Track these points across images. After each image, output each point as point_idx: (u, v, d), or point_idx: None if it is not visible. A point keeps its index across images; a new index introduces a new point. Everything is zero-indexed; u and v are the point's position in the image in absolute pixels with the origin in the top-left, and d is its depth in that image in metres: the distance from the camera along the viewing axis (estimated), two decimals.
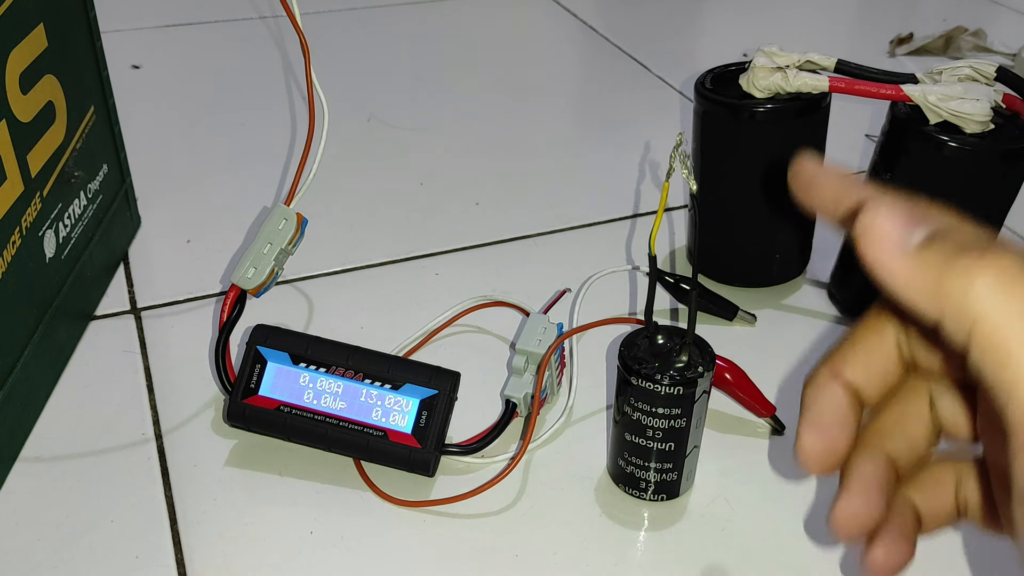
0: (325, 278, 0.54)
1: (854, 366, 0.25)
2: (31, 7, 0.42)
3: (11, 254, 0.40)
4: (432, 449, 0.40)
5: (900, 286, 0.20)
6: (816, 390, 0.25)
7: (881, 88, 0.46)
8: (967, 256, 0.19)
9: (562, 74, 0.84)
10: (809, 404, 0.25)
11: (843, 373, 0.25)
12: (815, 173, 0.24)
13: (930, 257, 0.20)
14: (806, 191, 0.24)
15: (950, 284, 0.19)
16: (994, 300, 0.19)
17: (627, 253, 0.57)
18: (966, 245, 0.19)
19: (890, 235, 0.20)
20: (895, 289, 0.20)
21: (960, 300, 0.19)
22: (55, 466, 0.41)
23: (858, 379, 0.25)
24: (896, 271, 0.20)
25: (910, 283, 0.20)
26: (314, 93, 0.43)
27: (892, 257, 0.20)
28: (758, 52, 0.48)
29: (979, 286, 0.19)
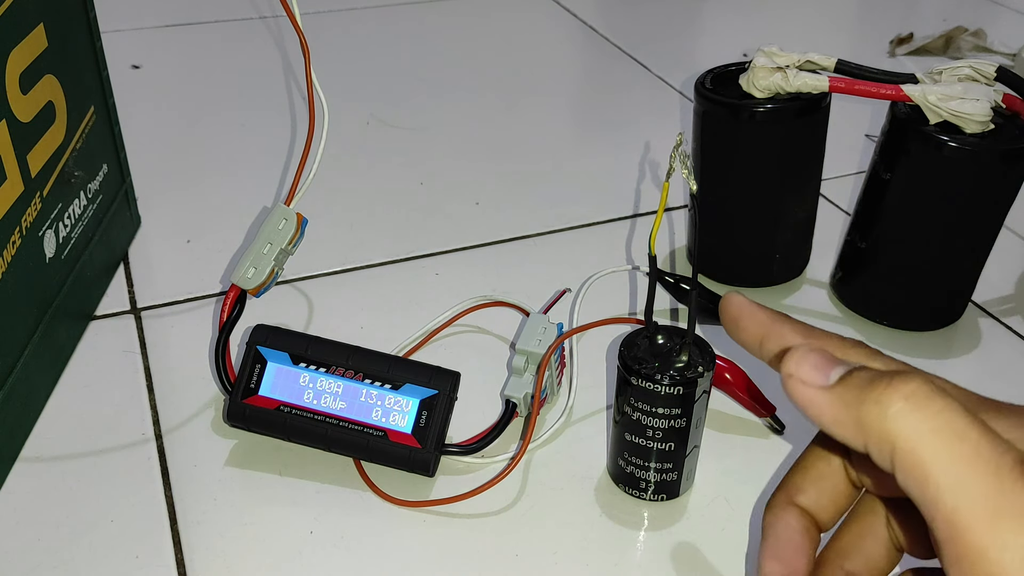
0: (325, 278, 0.54)
1: (806, 492, 0.27)
2: (31, 7, 0.42)
3: (11, 254, 0.40)
4: (432, 449, 0.40)
5: (827, 423, 0.22)
6: (773, 517, 0.27)
7: (881, 88, 0.46)
8: (877, 385, 0.21)
9: (562, 74, 0.84)
10: (768, 532, 0.27)
11: (796, 499, 0.27)
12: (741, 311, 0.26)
13: (847, 392, 0.22)
14: (733, 328, 0.27)
15: (867, 414, 0.21)
16: (906, 423, 0.20)
17: (627, 253, 0.57)
18: (876, 377, 0.21)
19: (810, 377, 0.22)
20: (824, 425, 0.22)
21: (878, 428, 0.21)
22: (55, 466, 0.41)
23: (811, 504, 0.27)
24: (822, 408, 0.22)
25: (835, 419, 0.22)
26: (314, 93, 0.43)
27: (815, 396, 0.22)
28: (758, 52, 0.48)
29: (892, 412, 0.20)
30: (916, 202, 0.47)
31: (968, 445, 0.20)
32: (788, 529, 0.27)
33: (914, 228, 0.47)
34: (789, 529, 0.27)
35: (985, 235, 0.48)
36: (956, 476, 0.20)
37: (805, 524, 0.27)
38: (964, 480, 0.19)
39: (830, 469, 0.27)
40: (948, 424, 0.20)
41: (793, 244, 0.53)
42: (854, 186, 0.64)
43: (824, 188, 0.61)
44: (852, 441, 0.22)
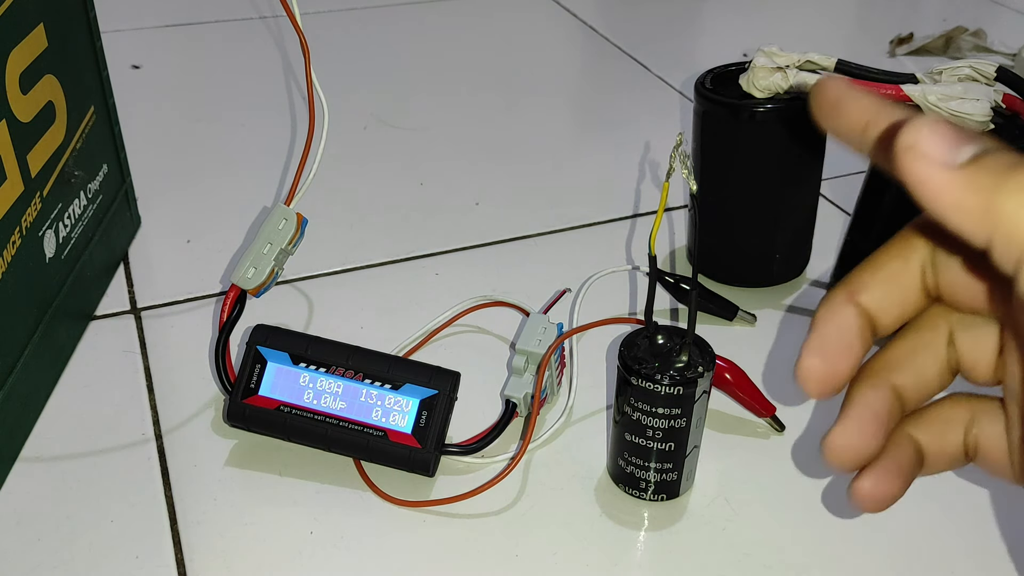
0: (325, 278, 0.54)
1: (871, 291, 0.24)
2: (31, 7, 0.42)
3: (11, 254, 0.40)
4: (432, 449, 0.40)
5: (946, 207, 0.18)
6: (828, 312, 0.24)
7: (881, 88, 0.46)
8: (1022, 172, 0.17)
9: (562, 74, 0.84)
10: (817, 325, 0.24)
11: (858, 297, 0.24)
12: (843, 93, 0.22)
13: (980, 175, 0.18)
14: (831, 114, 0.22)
15: (1002, 204, 0.17)
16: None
17: (627, 253, 0.57)
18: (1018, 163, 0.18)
19: (936, 152, 0.19)
20: (940, 211, 0.19)
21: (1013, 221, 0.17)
22: (55, 466, 0.41)
23: (873, 304, 0.24)
24: (943, 190, 0.18)
25: (958, 204, 0.18)
26: (314, 93, 0.43)
27: (938, 175, 0.18)
28: (758, 52, 0.48)
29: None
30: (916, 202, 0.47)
31: None
32: (841, 326, 0.24)
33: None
34: (842, 326, 0.24)
35: None
36: None
37: (861, 325, 0.24)
38: None
39: (905, 271, 0.24)
40: None
41: (793, 244, 0.53)
42: (854, 186, 0.64)
43: (824, 188, 0.61)
44: (974, 232, 0.18)
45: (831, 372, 0.24)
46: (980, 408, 0.25)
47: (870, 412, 0.24)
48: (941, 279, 0.23)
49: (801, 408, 0.45)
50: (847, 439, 0.24)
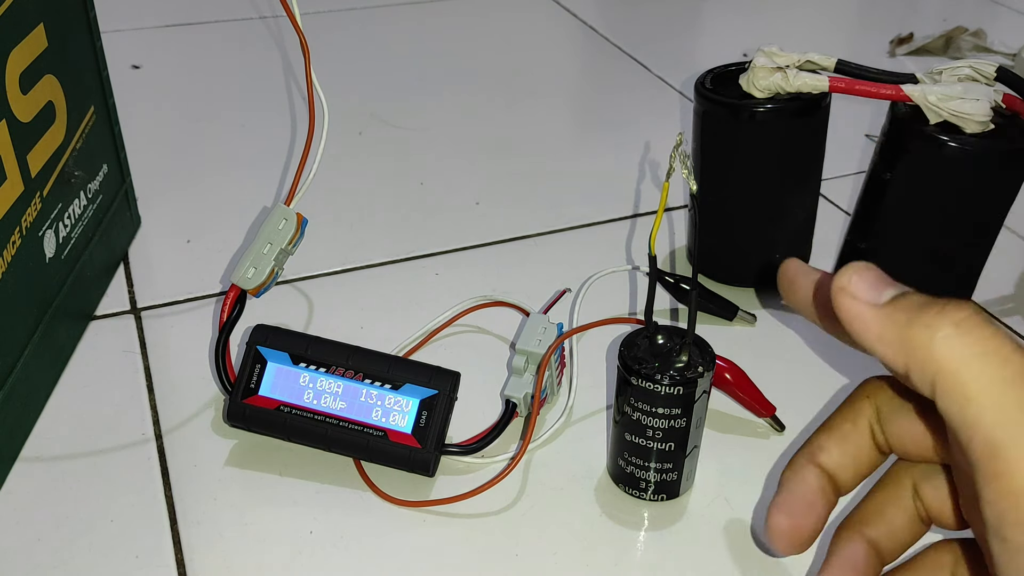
0: (325, 278, 0.54)
1: (828, 451, 0.27)
2: (31, 7, 0.42)
3: (11, 254, 0.40)
4: (432, 449, 0.40)
5: (871, 340, 0.22)
6: (792, 473, 0.27)
7: (881, 88, 0.46)
8: (929, 310, 0.21)
9: (562, 74, 0.84)
10: (783, 486, 0.27)
11: (818, 458, 0.27)
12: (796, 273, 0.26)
13: (897, 313, 0.22)
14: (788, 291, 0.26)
15: (914, 336, 0.21)
16: (953, 347, 0.20)
17: (627, 253, 0.57)
18: (928, 302, 0.21)
19: (862, 293, 0.22)
20: (867, 343, 0.22)
21: (924, 350, 0.21)
22: (55, 466, 0.41)
23: (832, 464, 0.27)
24: (868, 325, 0.22)
25: (880, 336, 0.22)
26: (314, 93, 0.43)
27: (865, 312, 0.22)
28: (758, 52, 0.48)
29: (939, 336, 0.21)
30: (916, 202, 0.47)
31: (1012, 368, 0.20)
32: (803, 485, 0.27)
33: (914, 228, 0.47)
34: (804, 486, 0.27)
35: (985, 235, 0.48)
36: (999, 395, 0.20)
37: (822, 484, 0.27)
38: (1006, 399, 0.20)
39: (856, 431, 0.27)
40: (995, 349, 0.20)
41: (793, 244, 0.53)
42: (854, 186, 0.64)
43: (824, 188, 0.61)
44: (894, 361, 0.22)
45: (796, 528, 0.27)
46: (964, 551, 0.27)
47: (849, 563, 0.27)
48: (889, 434, 0.26)
49: (801, 408, 0.45)
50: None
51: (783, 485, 0.27)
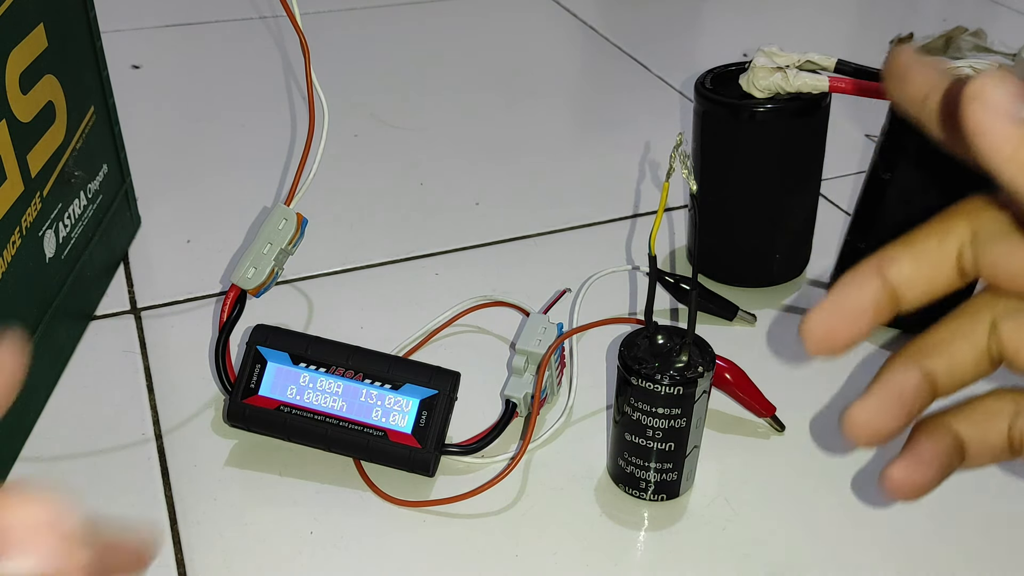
0: (325, 278, 0.54)
1: (900, 264, 0.24)
2: (31, 7, 0.42)
3: (11, 254, 0.40)
4: (432, 449, 0.40)
5: (1002, 159, 0.19)
6: (850, 278, 0.24)
7: (881, 88, 0.46)
8: None
9: (562, 74, 0.84)
10: (838, 287, 0.24)
11: (886, 269, 0.24)
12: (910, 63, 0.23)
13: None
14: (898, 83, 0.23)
15: None
16: None
17: (627, 253, 0.57)
18: None
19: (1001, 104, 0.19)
20: (996, 162, 0.19)
21: None
22: (55, 466, 0.41)
23: (901, 278, 0.24)
24: (1001, 142, 0.19)
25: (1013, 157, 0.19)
26: (314, 93, 0.43)
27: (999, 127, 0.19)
28: (758, 52, 0.48)
29: None
30: (916, 202, 0.47)
31: None
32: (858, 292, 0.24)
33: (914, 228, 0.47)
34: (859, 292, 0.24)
35: None
36: None
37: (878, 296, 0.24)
38: None
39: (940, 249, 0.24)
40: None
41: (793, 244, 0.53)
42: (854, 186, 0.64)
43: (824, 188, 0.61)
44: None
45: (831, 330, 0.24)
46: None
47: (895, 391, 0.24)
48: (983, 259, 0.23)
49: (801, 408, 0.45)
50: (866, 414, 0.24)
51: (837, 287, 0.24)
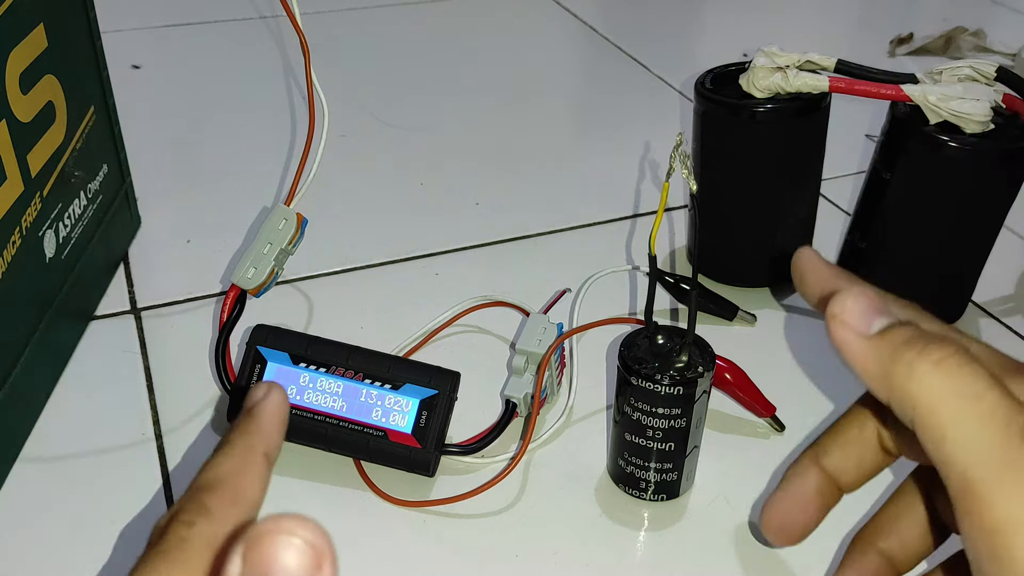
0: (325, 278, 0.54)
1: (832, 454, 0.27)
2: (31, 7, 0.42)
3: (11, 254, 0.40)
4: (432, 449, 0.40)
5: (858, 369, 0.23)
6: (794, 471, 0.28)
7: (881, 88, 0.46)
8: (912, 347, 0.22)
9: (562, 74, 0.84)
10: (782, 484, 0.28)
11: (821, 460, 0.27)
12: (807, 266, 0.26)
13: (883, 346, 0.22)
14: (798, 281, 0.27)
15: (896, 372, 0.22)
16: (930, 385, 0.21)
17: (627, 253, 0.57)
18: (913, 339, 0.22)
19: (853, 322, 0.23)
20: (854, 370, 0.23)
21: (903, 386, 0.21)
22: (55, 466, 0.41)
23: (835, 466, 0.27)
24: (856, 355, 0.23)
25: (866, 367, 0.22)
26: (314, 93, 0.43)
27: (852, 341, 0.23)
28: (758, 52, 0.48)
29: (918, 374, 0.21)
30: (916, 202, 0.47)
31: (984, 405, 0.21)
32: (802, 486, 0.27)
33: (914, 228, 0.47)
34: (804, 485, 0.27)
35: (985, 235, 0.48)
36: (969, 433, 0.20)
37: (821, 485, 0.27)
38: (977, 437, 0.20)
39: (861, 435, 0.27)
40: (970, 387, 0.21)
41: (793, 244, 0.53)
42: (854, 186, 0.64)
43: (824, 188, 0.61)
44: (878, 392, 0.22)
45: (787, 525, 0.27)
46: None
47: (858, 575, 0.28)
48: (897, 439, 0.27)
49: (801, 408, 0.45)
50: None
51: (783, 482, 0.28)
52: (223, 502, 0.20)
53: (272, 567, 0.16)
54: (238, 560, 0.16)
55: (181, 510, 0.20)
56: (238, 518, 0.20)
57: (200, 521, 0.19)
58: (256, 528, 0.16)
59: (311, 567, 0.16)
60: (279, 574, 0.16)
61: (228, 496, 0.20)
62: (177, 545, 0.19)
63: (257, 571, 0.16)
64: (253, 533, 0.16)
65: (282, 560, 0.16)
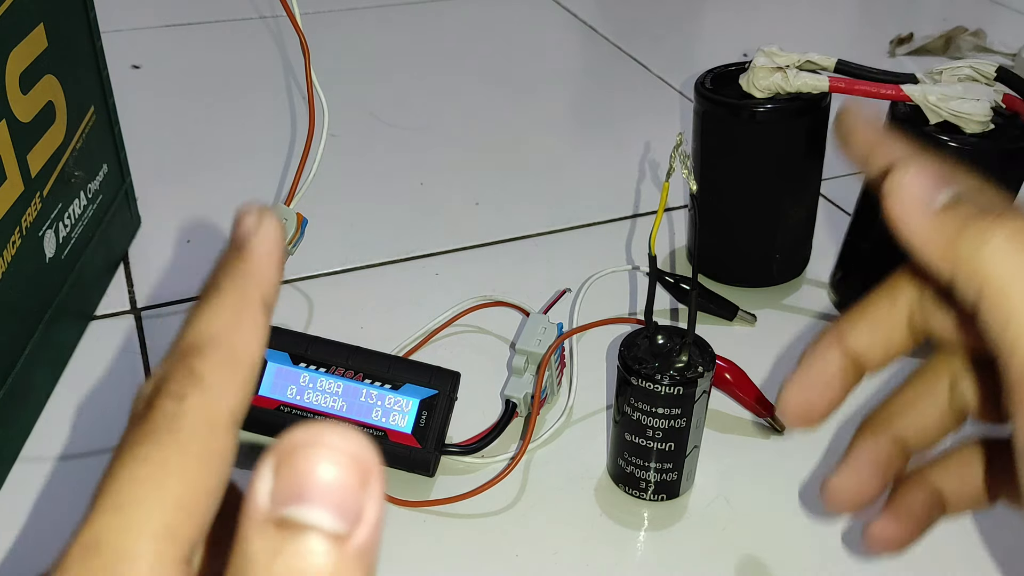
0: (325, 278, 0.54)
1: (858, 333, 0.25)
2: (31, 7, 0.42)
3: (11, 254, 0.40)
4: (432, 449, 0.40)
5: (919, 244, 0.21)
6: (815, 351, 0.26)
7: (881, 88, 0.46)
8: (983, 219, 0.20)
9: (562, 74, 0.84)
10: (802, 362, 0.26)
11: (846, 338, 0.25)
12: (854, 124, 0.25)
13: (949, 218, 0.21)
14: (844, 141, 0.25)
15: (964, 244, 0.20)
16: (1002, 261, 0.19)
17: (627, 253, 0.57)
18: (985, 209, 0.20)
19: (916, 195, 0.21)
20: (914, 247, 0.21)
21: (971, 260, 0.20)
22: (55, 466, 0.41)
23: (860, 345, 0.25)
24: (917, 229, 0.21)
25: (928, 242, 0.21)
26: (314, 93, 0.43)
27: (915, 215, 0.21)
28: (758, 52, 0.48)
29: (990, 248, 0.20)
30: None
31: None
32: (824, 363, 0.25)
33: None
34: (825, 363, 0.25)
35: None
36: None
37: (844, 365, 0.25)
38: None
39: (892, 313, 0.25)
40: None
41: (793, 244, 0.53)
42: (854, 186, 0.64)
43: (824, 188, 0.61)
44: (940, 268, 0.21)
45: (808, 405, 0.26)
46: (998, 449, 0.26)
47: (868, 459, 0.26)
48: (932, 320, 0.25)
49: None
50: (843, 484, 0.26)
51: (803, 360, 0.26)
52: (218, 367, 0.16)
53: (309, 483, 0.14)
54: (268, 474, 0.14)
55: (168, 378, 0.16)
56: (237, 386, 0.16)
57: (192, 393, 0.16)
58: (290, 438, 0.14)
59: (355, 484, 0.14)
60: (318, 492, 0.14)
61: (223, 359, 0.16)
62: (167, 424, 0.15)
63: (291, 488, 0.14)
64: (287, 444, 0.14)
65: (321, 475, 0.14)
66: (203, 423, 0.15)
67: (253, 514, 0.14)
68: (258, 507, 0.14)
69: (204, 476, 0.15)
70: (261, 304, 0.17)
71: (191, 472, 0.15)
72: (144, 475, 0.15)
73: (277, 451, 0.14)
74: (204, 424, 0.15)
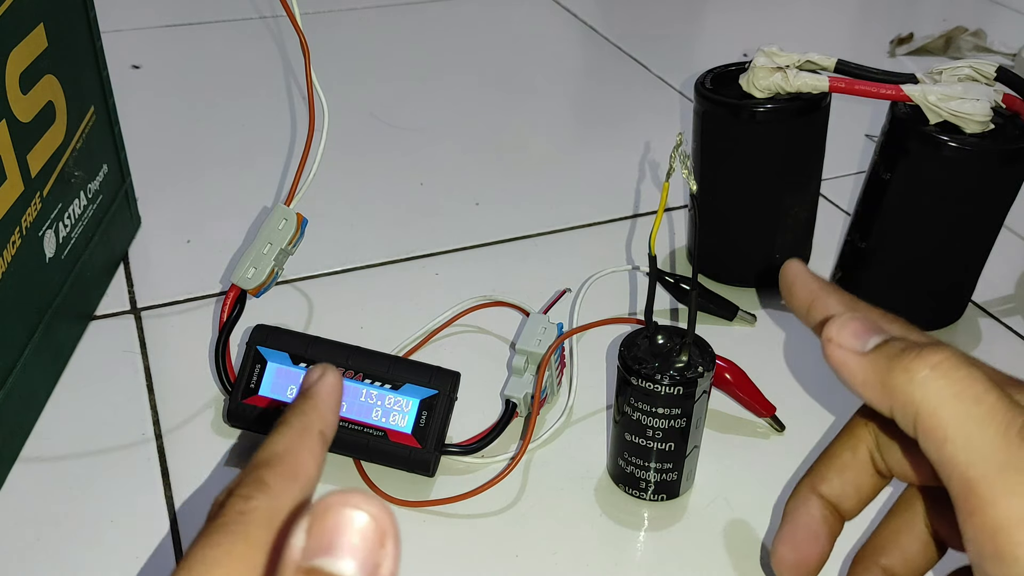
0: (325, 278, 0.54)
1: (830, 481, 0.28)
2: (31, 7, 0.42)
3: (11, 254, 0.40)
4: (432, 449, 0.40)
5: (858, 384, 0.24)
6: (795, 504, 0.28)
7: (881, 88, 0.46)
8: (909, 354, 0.23)
9: (562, 74, 0.84)
10: (787, 518, 0.28)
11: (819, 488, 0.28)
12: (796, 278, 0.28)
13: (881, 357, 0.23)
14: (786, 293, 0.28)
15: (895, 378, 0.22)
16: (930, 389, 0.22)
17: (627, 253, 0.57)
18: (908, 347, 0.23)
19: (848, 343, 0.24)
20: (853, 388, 0.24)
21: (903, 392, 0.22)
22: (55, 466, 0.41)
23: (834, 493, 0.28)
24: (855, 370, 0.24)
25: (865, 381, 0.23)
26: (314, 93, 0.43)
27: (850, 359, 0.24)
28: (758, 52, 0.48)
29: (918, 379, 0.22)
30: (916, 202, 0.47)
31: (984, 407, 0.21)
32: (807, 517, 0.28)
33: (914, 228, 0.47)
34: (808, 517, 0.28)
35: (985, 235, 0.48)
36: (970, 434, 0.21)
37: (824, 513, 0.28)
38: (977, 438, 0.21)
39: (855, 460, 0.28)
40: (968, 389, 0.21)
41: (793, 244, 0.53)
42: (854, 186, 0.64)
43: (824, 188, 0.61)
44: (879, 404, 0.23)
45: (802, 559, 0.28)
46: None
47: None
48: (889, 461, 0.27)
49: (801, 408, 0.45)
50: None
51: (787, 516, 0.28)
52: (281, 477, 0.20)
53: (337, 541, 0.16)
54: (302, 533, 0.16)
55: (240, 485, 0.20)
56: (296, 494, 0.20)
57: (259, 495, 0.19)
58: (322, 501, 0.16)
59: (375, 543, 0.16)
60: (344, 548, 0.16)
61: (286, 472, 0.20)
62: (236, 519, 0.19)
63: (322, 544, 0.16)
64: (319, 506, 0.16)
65: (347, 534, 0.16)
66: (266, 518, 0.19)
67: (288, 563, 0.16)
68: (293, 558, 0.16)
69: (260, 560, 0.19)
70: (319, 435, 0.21)
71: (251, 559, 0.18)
72: (212, 558, 0.18)
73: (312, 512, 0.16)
74: (267, 519, 0.19)
